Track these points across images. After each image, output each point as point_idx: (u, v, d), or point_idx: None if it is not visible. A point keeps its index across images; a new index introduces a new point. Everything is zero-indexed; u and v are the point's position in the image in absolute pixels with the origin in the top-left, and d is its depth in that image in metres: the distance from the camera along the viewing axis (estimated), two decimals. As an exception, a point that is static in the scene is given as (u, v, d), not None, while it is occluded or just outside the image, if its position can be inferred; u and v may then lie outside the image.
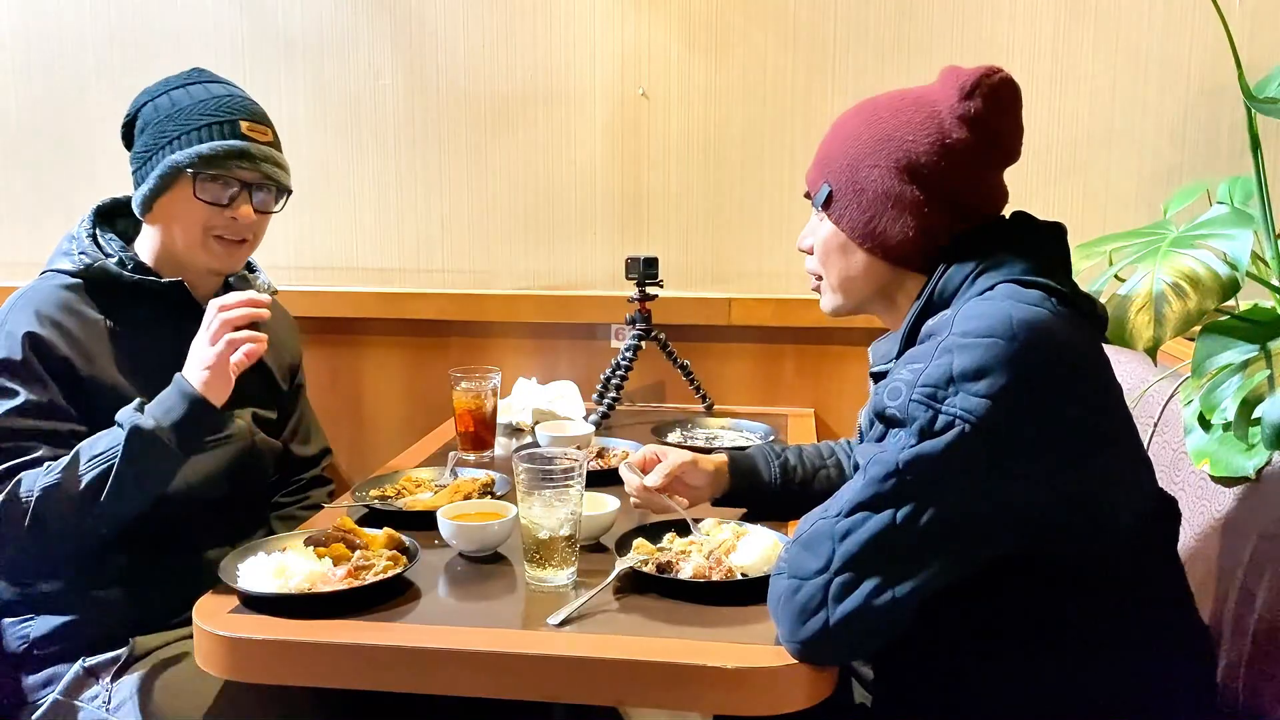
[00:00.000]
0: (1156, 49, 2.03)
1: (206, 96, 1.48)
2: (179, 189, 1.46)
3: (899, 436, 0.99)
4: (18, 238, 2.37)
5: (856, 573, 0.98)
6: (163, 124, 1.46)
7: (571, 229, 2.25)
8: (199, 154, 1.43)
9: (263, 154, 1.48)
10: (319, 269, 2.32)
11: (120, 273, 1.46)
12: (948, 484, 0.97)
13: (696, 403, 2.15)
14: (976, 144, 1.12)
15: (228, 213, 1.47)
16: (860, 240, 1.17)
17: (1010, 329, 0.97)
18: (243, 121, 1.47)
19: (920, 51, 2.09)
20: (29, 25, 2.30)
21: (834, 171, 1.19)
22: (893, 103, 1.18)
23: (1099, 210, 2.09)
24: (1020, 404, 0.95)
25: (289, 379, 1.75)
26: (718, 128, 2.18)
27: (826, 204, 1.19)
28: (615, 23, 2.16)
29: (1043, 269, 1.07)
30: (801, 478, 1.43)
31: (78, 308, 1.44)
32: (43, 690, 1.42)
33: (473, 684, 1.07)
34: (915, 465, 0.96)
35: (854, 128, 1.19)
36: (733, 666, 1.01)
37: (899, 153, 1.13)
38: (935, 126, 1.13)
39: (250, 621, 1.12)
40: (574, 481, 1.21)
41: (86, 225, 1.52)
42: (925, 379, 0.98)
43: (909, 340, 1.13)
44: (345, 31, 2.23)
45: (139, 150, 1.49)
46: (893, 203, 1.14)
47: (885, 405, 1.01)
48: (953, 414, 0.95)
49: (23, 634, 1.43)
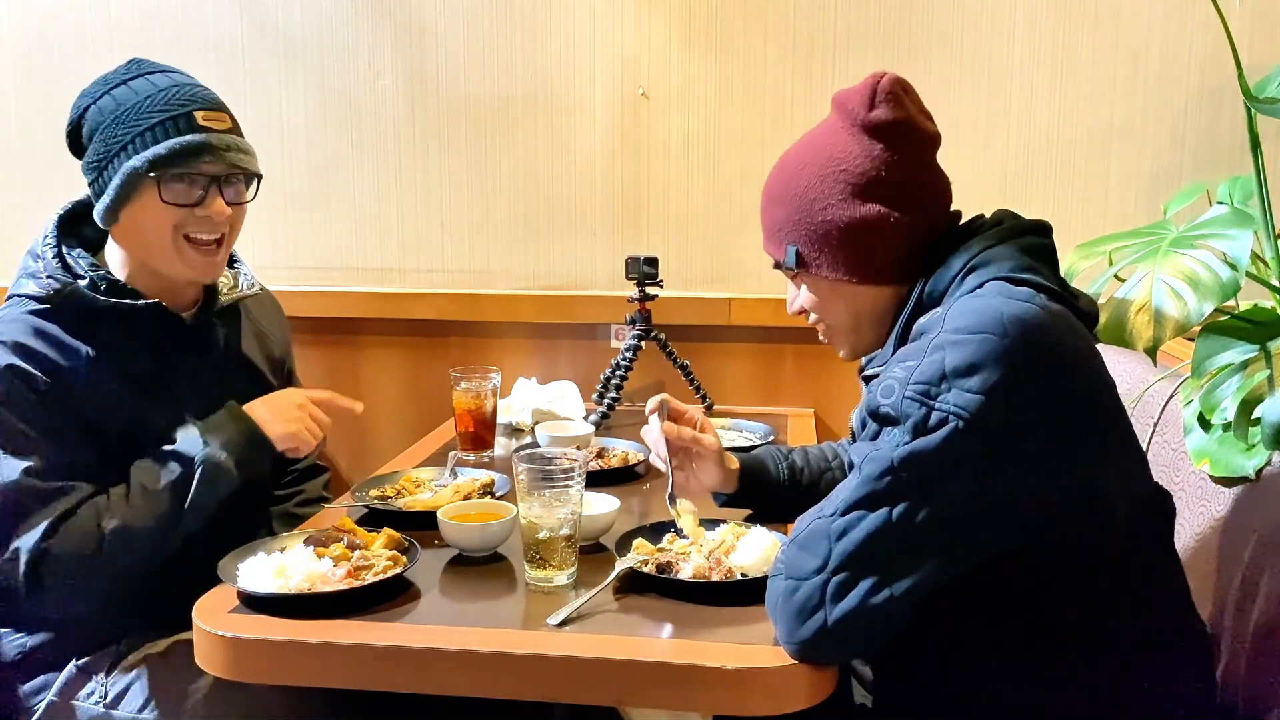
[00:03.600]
0: (1156, 49, 2.03)
1: (152, 90, 1.37)
2: (143, 195, 1.36)
3: (893, 434, 0.99)
4: (17, 239, 2.37)
5: (853, 572, 0.98)
6: (111, 128, 1.35)
7: (571, 229, 2.25)
8: (157, 155, 1.33)
9: (225, 143, 1.38)
10: (318, 269, 2.32)
11: (94, 296, 1.37)
12: (943, 480, 0.97)
13: (696, 403, 2.15)
14: (901, 140, 1.14)
15: (199, 211, 1.38)
16: (850, 276, 1.17)
17: (1001, 325, 0.97)
18: (197, 112, 1.37)
19: (920, 52, 2.09)
20: (29, 26, 2.30)
21: (790, 232, 1.19)
22: (806, 149, 1.20)
23: (1099, 210, 2.09)
24: (1013, 399, 0.96)
25: (278, 372, 1.71)
26: (718, 128, 2.18)
27: (800, 263, 1.19)
28: (615, 23, 2.16)
29: (1029, 266, 1.07)
30: (808, 479, 1.43)
31: (52, 334, 1.36)
32: (36, 696, 1.41)
33: (473, 684, 1.07)
34: (910, 462, 0.96)
35: (784, 186, 1.20)
36: (733, 666, 1.01)
37: (840, 182, 1.15)
38: (857, 144, 1.15)
39: (250, 621, 1.12)
40: (574, 481, 1.21)
41: (51, 242, 1.42)
42: (918, 376, 0.98)
43: (901, 340, 1.13)
44: (345, 32, 2.23)
45: (91, 160, 1.38)
46: (859, 229, 1.14)
47: (879, 403, 1.01)
48: (946, 410, 0.95)
49: (19, 642, 1.42)
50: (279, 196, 2.26)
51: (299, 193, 2.29)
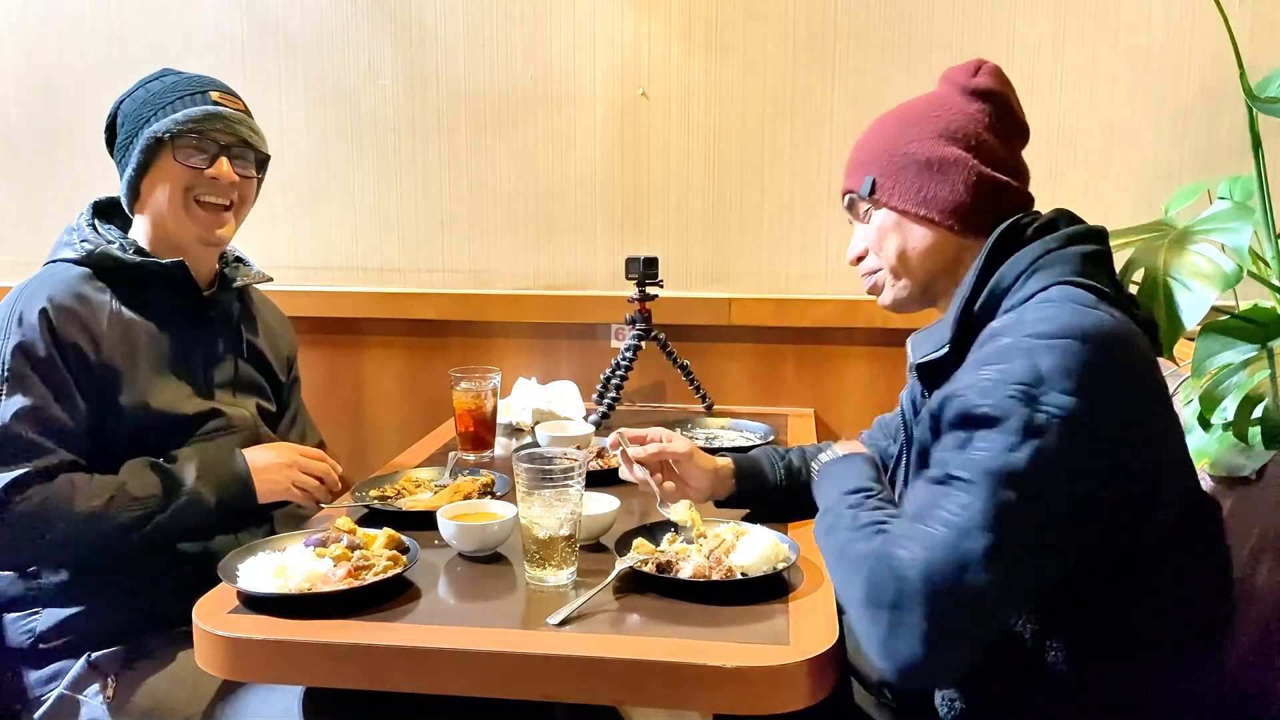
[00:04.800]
0: (1156, 48, 2.03)
1: (179, 78, 1.54)
2: (160, 161, 1.49)
3: (993, 437, 0.97)
4: (17, 239, 2.37)
5: (974, 573, 0.94)
6: (138, 110, 1.51)
7: (571, 229, 2.25)
8: (174, 121, 1.48)
9: (235, 117, 1.53)
10: (319, 268, 2.32)
11: (122, 256, 1.50)
12: (1051, 481, 0.96)
13: (696, 403, 2.15)
14: (996, 112, 1.20)
15: (208, 173, 1.50)
16: (915, 208, 1.19)
17: (1081, 330, 0.99)
18: (213, 92, 1.53)
19: (920, 51, 2.09)
20: (30, 26, 2.30)
21: (872, 163, 1.23)
22: (907, 105, 1.25)
23: (1099, 210, 2.06)
24: (1101, 400, 0.97)
25: (286, 371, 1.78)
26: (718, 128, 2.18)
27: (872, 191, 1.22)
28: (615, 23, 2.16)
29: (1091, 273, 1.09)
30: (805, 479, 1.43)
31: (87, 292, 1.47)
32: (47, 685, 1.42)
33: (473, 684, 1.07)
34: (1028, 463, 0.95)
35: (879, 128, 1.25)
36: (733, 666, 1.01)
37: (934, 125, 1.20)
38: (958, 100, 1.21)
39: (250, 621, 1.12)
40: (574, 481, 1.21)
41: (85, 217, 1.56)
42: (1017, 377, 0.98)
43: (961, 327, 1.12)
44: (345, 31, 2.23)
45: (120, 141, 1.54)
46: (938, 166, 1.18)
47: (977, 404, 0.99)
48: (1050, 410, 0.96)
49: (28, 628, 1.43)
50: (279, 196, 2.26)
51: (299, 192, 2.29)
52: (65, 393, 1.41)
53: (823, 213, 2.17)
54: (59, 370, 1.40)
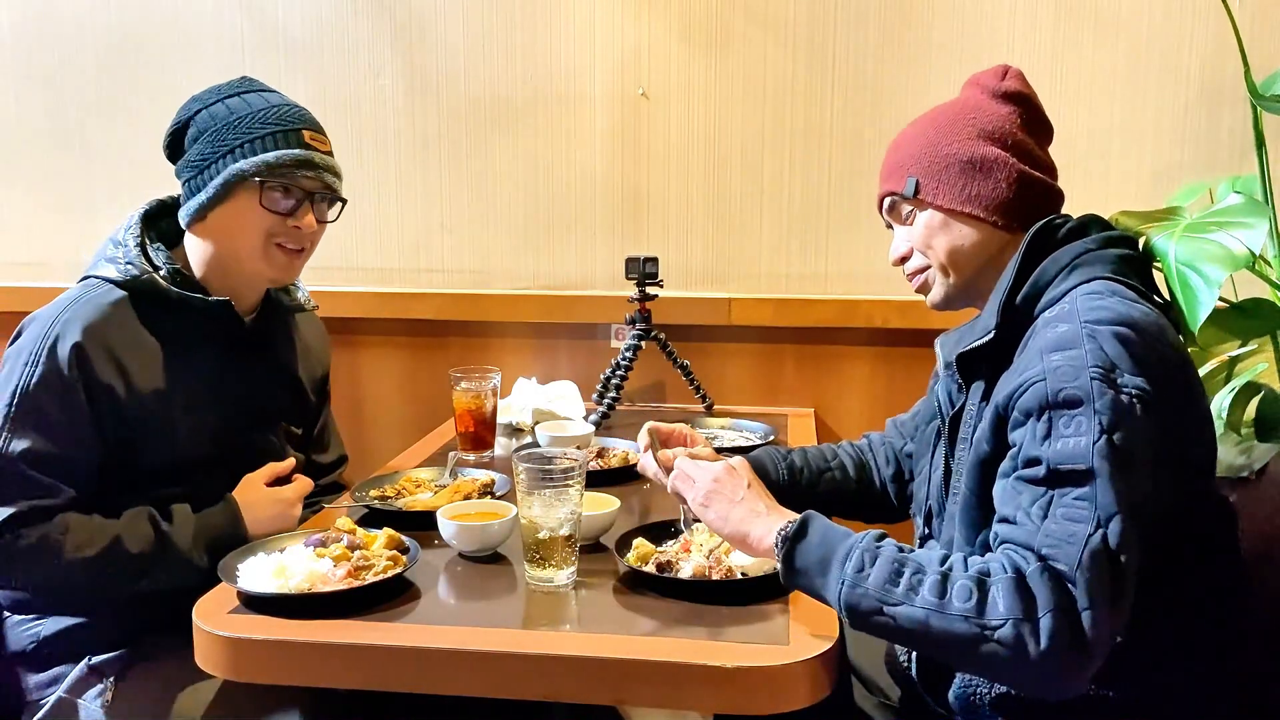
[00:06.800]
0: (1157, 48, 2.03)
1: (265, 106, 1.47)
2: (242, 198, 1.43)
3: (1081, 420, 0.98)
4: (17, 239, 2.37)
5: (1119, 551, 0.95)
6: (221, 132, 1.44)
7: (571, 229, 2.25)
8: (265, 163, 1.42)
9: (325, 164, 1.49)
10: (318, 269, 2.29)
11: (168, 289, 1.43)
12: (1145, 457, 0.99)
13: (696, 403, 2.15)
14: (1026, 113, 1.25)
15: (291, 221, 1.46)
16: (961, 206, 1.21)
17: (1131, 320, 1.03)
18: (305, 131, 1.48)
19: (920, 52, 2.09)
20: (30, 26, 2.30)
21: (913, 164, 1.25)
22: (938, 110, 1.28)
23: (1100, 210, 2.07)
24: (1161, 383, 1.01)
25: (319, 390, 1.76)
26: (718, 128, 2.18)
27: (916, 192, 1.24)
28: (615, 23, 2.16)
29: (1127, 273, 1.13)
30: (808, 479, 1.44)
31: (123, 322, 1.41)
32: (47, 689, 1.41)
33: (473, 684, 1.07)
34: (1127, 441, 0.97)
35: (915, 132, 1.27)
36: (733, 666, 1.01)
37: (972, 126, 1.23)
38: (990, 103, 1.25)
39: (250, 621, 1.12)
40: (574, 481, 1.21)
41: (135, 232, 1.48)
42: (1094, 361, 1.00)
43: (1005, 314, 1.14)
44: (345, 32, 2.23)
45: (193, 159, 1.46)
46: (980, 165, 1.21)
47: (1059, 388, 1.00)
48: (1130, 391, 0.99)
49: (33, 632, 1.43)
50: (279, 196, 2.26)
51: (299, 193, 2.29)
52: (83, 430, 1.35)
53: (823, 213, 2.16)
54: (82, 409, 1.35)
